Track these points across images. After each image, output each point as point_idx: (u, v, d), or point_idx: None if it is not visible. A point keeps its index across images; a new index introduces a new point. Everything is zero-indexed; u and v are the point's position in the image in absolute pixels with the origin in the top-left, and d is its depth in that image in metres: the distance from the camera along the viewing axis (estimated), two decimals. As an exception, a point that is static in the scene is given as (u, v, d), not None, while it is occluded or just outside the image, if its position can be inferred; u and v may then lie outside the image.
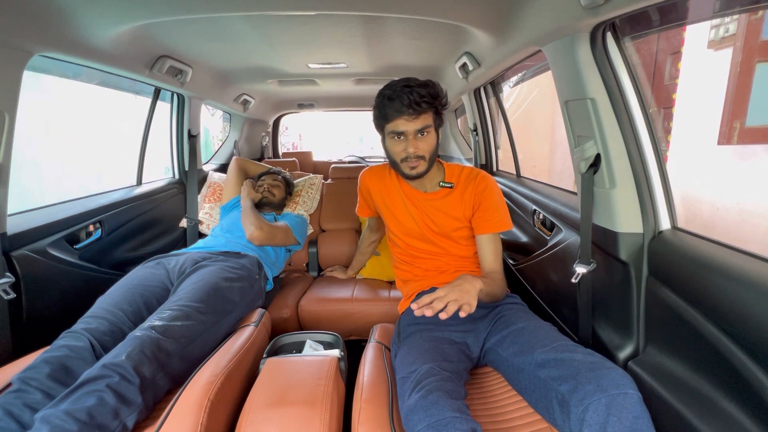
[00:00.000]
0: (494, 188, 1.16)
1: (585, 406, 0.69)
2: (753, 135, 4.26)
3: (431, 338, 0.99)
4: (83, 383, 0.76)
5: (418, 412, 0.74)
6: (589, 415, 0.68)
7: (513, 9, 1.06)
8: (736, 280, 0.69)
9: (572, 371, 0.75)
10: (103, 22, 1.14)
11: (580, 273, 1.03)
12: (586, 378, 0.72)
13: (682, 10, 0.88)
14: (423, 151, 1.06)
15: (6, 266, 1.09)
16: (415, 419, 0.74)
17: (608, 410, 0.67)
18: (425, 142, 1.06)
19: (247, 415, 0.80)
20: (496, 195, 1.15)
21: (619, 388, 0.69)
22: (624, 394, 0.68)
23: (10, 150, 1.08)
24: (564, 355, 0.80)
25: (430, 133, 1.07)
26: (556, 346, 0.83)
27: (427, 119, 1.05)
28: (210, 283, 1.14)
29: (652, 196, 0.95)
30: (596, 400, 0.68)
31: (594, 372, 0.73)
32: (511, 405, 0.89)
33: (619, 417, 0.66)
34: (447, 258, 1.20)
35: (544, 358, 0.82)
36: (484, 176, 1.17)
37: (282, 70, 2.02)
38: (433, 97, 1.03)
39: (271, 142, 3.73)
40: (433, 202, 1.18)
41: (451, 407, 0.73)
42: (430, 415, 0.73)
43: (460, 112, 2.98)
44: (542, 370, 0.81)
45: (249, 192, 1.75)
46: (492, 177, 1.20)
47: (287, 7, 1.11)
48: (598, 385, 0.70)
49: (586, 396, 0.70)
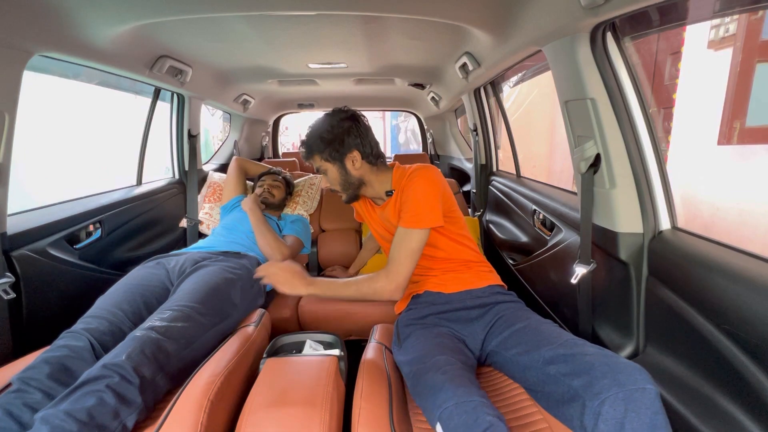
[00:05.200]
0: (419, 184, 1.08)
1: (601, 400, 0.68)
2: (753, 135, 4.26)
3: (435, 334, 1.00)
4: (83, 383, 0.76)
5: (447, 391, 0.75)
6: (605, 409, 0.68)
7: (513, 9, 1.06)
8: (736, 280, 0.69)
9: (585, 366, 0.75)
10: (103, 22, 1.14)
11: (580, 273, 1.03)
12: (601, 372, 0.72)
13: (682, 10, 0.88)
14: (331, 185, 1.20)
15: (6, 266, 1.09)
16: (443, 397, 0.75)
17: (626, 405, 0.66)
18: (326, 178, 1.20)
19: (247, 415, 0.80)
20: (419, 190, 1.07)
21: (637, 383, 0.68)
22: (642, 390, 0.67)
23: (10, 150, 1.08)
24: (573, 350, 0.79)
25: (328, 169, 1.16)
26: (563, 343, 0.83)
27: (317, 161, 1.17)
28: (210, 283, 1.14)
29: (652, 196, 0.95)
30: (613, 394, 0.68)
31: (609, 366, 0.72)
32: (512, 405, 0.89)
33: (637, 413, 0.65)
34: (424, 261, 1.15)
35: (552, 354, 0.82)
36: (414, 171, 1.11)
37: (282, 70, 2.02)
38: (307, 146, 1.16)
39: (271, 142, 3.73)
40: (382, 213, 1.21)
41: (477, 393, 0.75)
42: (459, 395, 0.74)
43: (460, 112, 2.98)
44: (551, 366, 0.81)
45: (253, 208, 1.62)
46: (427, 171, 1.10)
47: (287, 7, 1.11)
48: (615, 379, 0.69)
49: (602, 390, 0.69)
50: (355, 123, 1.13)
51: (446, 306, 1.10)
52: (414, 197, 1.07)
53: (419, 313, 1.11)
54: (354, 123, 1.13)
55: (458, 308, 1.08)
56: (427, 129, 3.53)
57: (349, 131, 1.12)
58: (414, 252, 1.06)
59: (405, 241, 1.06)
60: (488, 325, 1.03)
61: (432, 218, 1.06)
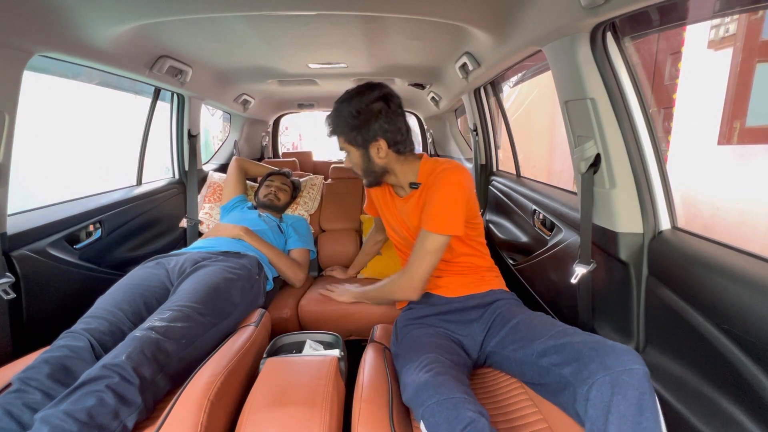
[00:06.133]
0: (446, 185, 1.03)
1: (589, 385, 0.69)
2: (753, 135, 4.26)
3: (430, 334, 1.00)
4: (83, 383, 0.76)
5: (429, 389, 0.76)
6: (593, 394, 0.68)
7: (513, 9, 1.06)
8: (736, 280, 0.69)
9: (574, 354, 0.75)
10: (103, 22, 1.14)
11: (580, 273, 1.03)
12: (588, 357, 0.72)
13: (682, 10, 0.88)
14: (353, 166, 1.13)
15: (6, 266, 1.09)
16: (425, 395, 0.75)
17: (612, 389, 0.66)
18: (349, 160, 1.12)
19: (247, 415, 0.80)
20: (445, 193, 1.02)
21: (624, 364, 0.68)
22: (629, 371, 0.67)
23: (10, 150, 1.08)
24: (563, 340, 0.80)
25: (350, 151, 1.10)
26: (554, 334, 0.84)
27: (340, 141, 1.09)
28: (210, 283, 1.14)
29: (652, 196, 0.95)
30: (600, 378, 0.68)
31: (596, 351, 0.72)
32: (512, 405, 0.89)
33: (624, 395, 0.65)
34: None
35: (544, 347, 0.83)
36: (445, 171, 1.05)
37: (282, 70, 2.02)
38: (332, 124, 1.08)
39: (271, 142, 3.73)
40: (404, 206, 1.15)
41: (460, 390, 0.76)
42: (441, 392, 0.74)
43: (460, 112, 2.98)
44: (544, 358, 0.82)
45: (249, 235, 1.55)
46: (458, 173, 1.04)
47: (287, 7, 1.11)
48: (602, 363, 0.69)
49: (590, 375, 0.69)
50: (386, 106, 1.03)
51: (446, 307, 1.10)
52: (439, 199, 1.02)
53: (418, 313, 1.12)
54: (385, 106, 1.03)
55: (458, 309, 1.09)
56: (427, 129, 3.53)
57: (378, 116, 1.02)
58: (431, 254, 1.03)
59: (424, 243, 1.04)
60: (487, 324, 1.03)
61: (453, 226, 1.02)
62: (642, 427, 0.63)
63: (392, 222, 1.22)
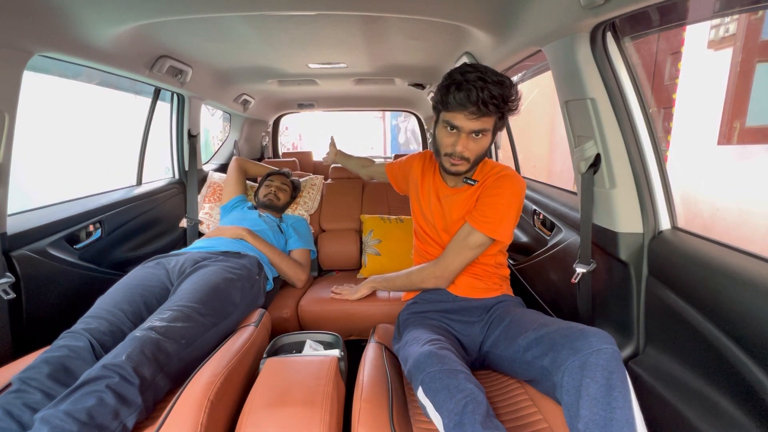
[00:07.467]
0: (511, 191, 1.02)
1: (562, 372, 0.69)
2: (753, 135, 4.26)
3: (431, 327, 1.02)
4: (83, 384, 0.76)
5: (432, 358, 0.78)
6: (565, 380, 0.68)
7: (513, 9, 1.06)
8: (736, 280, 0.69)
9: (549, 343, 0.76)
10: (103, 22, 1.14)
11: (580, 273, 1.03)
12: (560, 345, 0.73)
13: (682, 10, 0.88)
14: (471, 153, 0.97)
15: (6, 266, 1.09)
16: (427, 363, 0.77)
17: (582, 371, 0.66)
18: (477, 144, 0.96)
19: (247, 415, 0.80)
20: (504, 199, 1.01)
21: (591, 345, 0.68)
22: (596, 351, 0.67)
23: (10, 150, 1.08)
24: (542, 331, 0.81)
25: (486, 136, 0.96)
26: (536, 327, 0.85)
27: (488, 122, 0.93)
28: (210, 283, 1.14)
29: (652, 196, 0.95)
30: (570, 363, 0.68)
31: (567, 337, 0.73)
32: (512, 405, 0.89)
33: (593, 377, 0.65)
34: None
35: (527, 341, 0.84)
36: (506, 176, 1.04)
37: (282, 70, 2.02)
38: (504, 100, 0.90)
39: (271, 142, 3.73)
40: (451, 197, 1.11)
41: (461, 365, 0.78)
42: (444, 362, 0.76)
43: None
44: (528, 353, 0.83)
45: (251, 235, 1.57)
46: (520, 183, 1.04)
47: (287, 7, 1.11)
48: (572, 348, 0.70)
49: (563, 362, 0.70)
50: None
51: (451, 305, 1.11)
52: (498, 203, 1.01)
53: (422, 308, 1.13)
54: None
55: (462, 308, 1.10)
56: (427, 129, 3.53)
57: None
58: (470, 250, 1.05)
59: (468, 238, 1.04)
60: (486, 325, 1.04)
61: (503, 231, 1.02)
62: (611, 407, 0.63)
63: (423, 206, 1.17)
